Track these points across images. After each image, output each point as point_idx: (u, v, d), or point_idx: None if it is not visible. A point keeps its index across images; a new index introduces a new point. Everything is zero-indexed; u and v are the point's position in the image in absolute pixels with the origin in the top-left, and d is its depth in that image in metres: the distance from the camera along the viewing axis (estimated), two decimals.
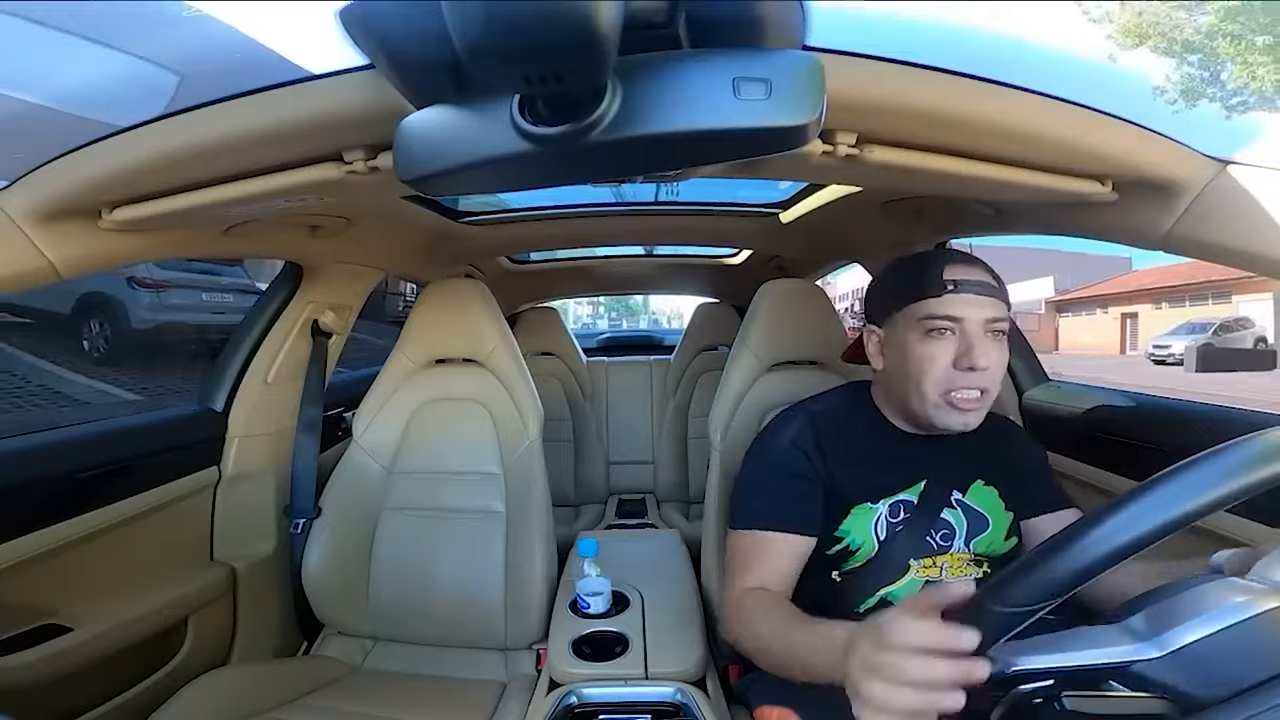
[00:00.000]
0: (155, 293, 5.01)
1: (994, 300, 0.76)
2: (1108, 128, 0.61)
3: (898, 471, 0.82)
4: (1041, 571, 0.38)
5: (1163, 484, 0.36)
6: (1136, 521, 0.36)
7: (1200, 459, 0.37)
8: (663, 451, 2.29)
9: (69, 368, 4.79)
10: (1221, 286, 14.66)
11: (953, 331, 0.76)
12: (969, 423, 0.77)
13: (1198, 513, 0.35)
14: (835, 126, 0.59)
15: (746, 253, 2.01)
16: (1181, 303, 16.08)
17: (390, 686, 1.05)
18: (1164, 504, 0.36)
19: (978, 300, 0.76)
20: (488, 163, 0.38)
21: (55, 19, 0.94)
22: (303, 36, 0.50)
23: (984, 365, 0.74)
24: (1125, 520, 0.36)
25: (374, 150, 0.60)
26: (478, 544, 1.16)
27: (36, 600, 0.88)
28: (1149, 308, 17.28)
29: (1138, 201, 0.68)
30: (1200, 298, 15.51)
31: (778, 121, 0.35)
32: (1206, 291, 15.19)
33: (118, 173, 0.64)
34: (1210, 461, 0.36)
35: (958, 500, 0.81)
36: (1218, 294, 14.91)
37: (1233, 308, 14.22)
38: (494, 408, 1.23)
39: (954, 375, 0.76)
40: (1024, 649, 0.41)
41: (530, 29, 0.28)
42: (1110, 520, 0.37)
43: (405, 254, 1.45)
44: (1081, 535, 0.37)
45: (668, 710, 0.80)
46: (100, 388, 4.60)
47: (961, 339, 0.76)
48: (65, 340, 5.05)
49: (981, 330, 0.76)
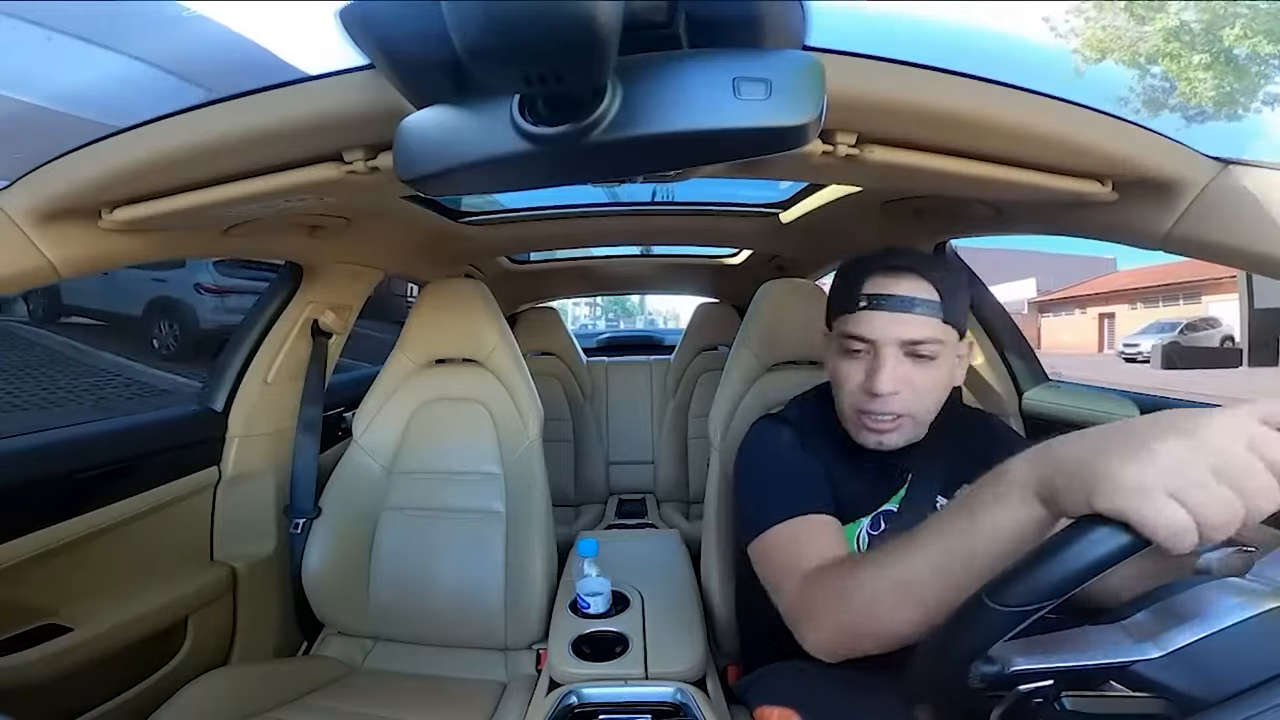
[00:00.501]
0: (219, 297, 5.45)
1: (919, 318, 0.69)
2: (1108, 128, 0.61)
3: (876, 482, 0.78)
4: (1043, 570, 0.37)
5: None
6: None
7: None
8: (663, 451, 2.29)
9: (144, 363, 5.31)
10: (1192, 288, 14.89)
11: (866, 351, 0.72)
12: (884, 443, 0.74)
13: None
14: (835, 126, 0.59)
15: (746, 253, 2.01)
16: (1156, 303, 16.39)
17: (390, 686, 1.05)
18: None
19: (894, 319, 0.69)
20: (488, 163, 0.38)
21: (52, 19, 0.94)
22: (300, 37, 0.50)
23: (885, 390, 0.69)
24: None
25: (374, 150, 0.60)
26: (478, 544, 1.16)
27: (36, 600, 0.88)
28: (1125, 308, 17.60)
29: (1138, 201, 0.68)
30: (1173, 298, 15.82)
31: (778, 121, 0.35)
32: (1178, 292, 15.49)
33: (118, 173, 0.64)
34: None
35: (943, 505, 0.78)
36: (1189, 295, 15.16)
37: (1202, 308, 14.50)
38: (494, 408, 1.23)
39: (864, 398, 0.72)
40: (1024, 649, 0.40)
41: (530, 29, 0.28)
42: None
43: (405, 254, 1.45)
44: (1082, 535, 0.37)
45: (668, 710, 0.80)
46: (178, 380, 5.03)
47: (872, 359, 0.71)
48: (135, 339, 5.59)
49: (896, 351, 0.70)
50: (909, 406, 0.72)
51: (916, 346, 0.70)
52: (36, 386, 4.56)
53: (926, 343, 0.70)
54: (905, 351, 0.70)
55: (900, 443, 0.74)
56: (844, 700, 0.70)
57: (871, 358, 0.72)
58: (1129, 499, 0.34)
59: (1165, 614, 0.39)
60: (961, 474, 0.80)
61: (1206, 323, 13.47)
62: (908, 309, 0.69)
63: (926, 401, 0.73)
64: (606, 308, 9.85)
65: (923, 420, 0.74)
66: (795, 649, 0.81)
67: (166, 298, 5.58)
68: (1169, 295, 15.90)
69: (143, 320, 5.68)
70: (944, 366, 0.72)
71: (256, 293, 4.82)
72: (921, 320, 0.69)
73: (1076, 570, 0.35)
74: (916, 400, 0.72)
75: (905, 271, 0.71)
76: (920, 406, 0.73)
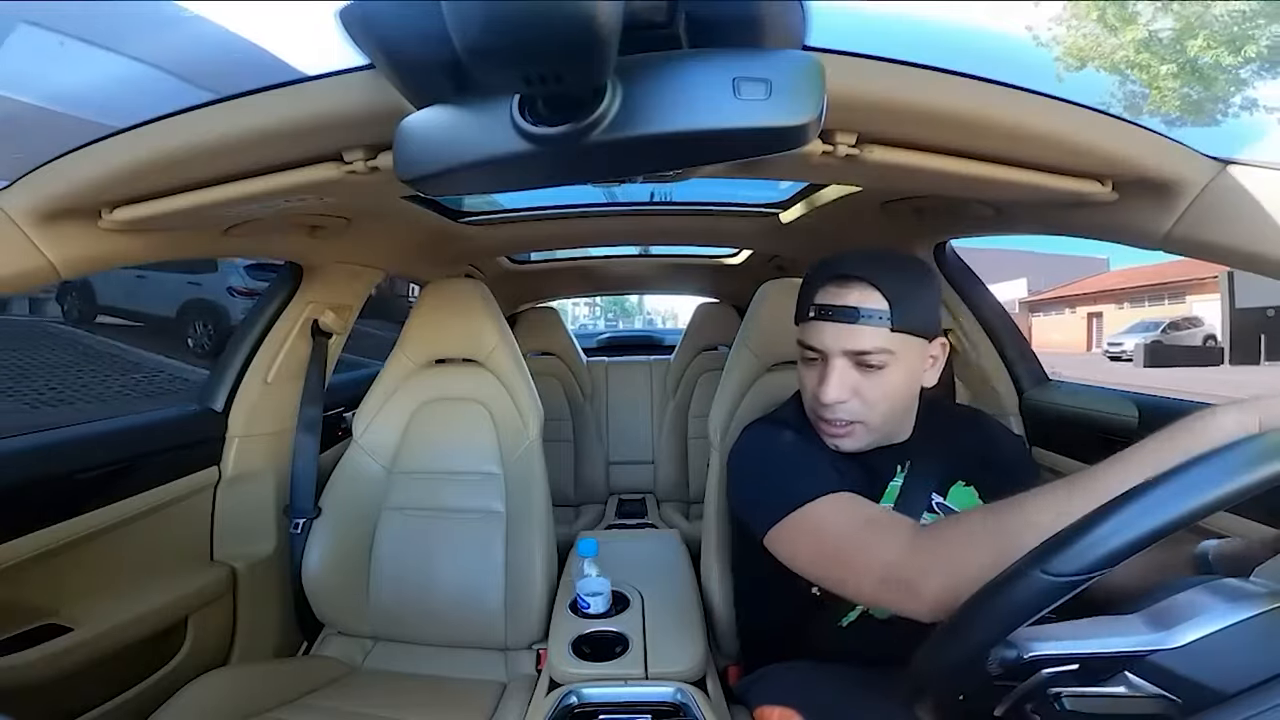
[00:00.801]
0: (250, 299, 5.80)
1: (865, 328, 0.69)
2: (1108, 128, 0.61)
3: (869, 481, 0.78)
4: (1094, 537, 0.36)
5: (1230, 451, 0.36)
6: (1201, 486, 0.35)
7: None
8: (663, 451, 2.29)
9: (182, 361, 5.69)
10: (1177, 288, 15.41)
11: (818, 359, 0.73)
12: (842, 446, 0.76)
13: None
14: (835, 126, 0.59)
15: (746, 253, 2.01)
16: (1142, 303, 16.93)
17: (390, 686, 1.05)
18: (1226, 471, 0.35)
19: (840, 330, 0.70)
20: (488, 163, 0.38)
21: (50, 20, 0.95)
22: (298, 37, 0.50)
23: (830, 400, 0.71)
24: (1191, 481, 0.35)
25: (374, 150, 0.60)
26: (478, 544, 1.16)
27: (36, 600, 0.88)
28: (1113, 307, 18.17)
29: (1138, 201, 0.68)
30: (1158, 298, 16.35)
31: (778, 121, 0.35)
32: (1164, 293, 16.04)
33: (118, 173, 0.64)
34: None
35: (938, 504, 0.78)
36: (1173, 295, 15.68)
37: (1186, 307, 14.91)
38: (494, 408, 1.23)
39: (816, 403, 0.74)
40: (1042, 635, 0.40)
41: (530, 29, 0.28)
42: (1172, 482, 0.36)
43: (405, 254, 1.45)
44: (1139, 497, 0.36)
45: (668, 710, 0.80)
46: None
47: (822, 368, 0.73)
48: (169, 338, 6.04)
49: (844, 361, 0.71)
50: (858, 414, 0.73)
51: (863, 356, 0.71)
52: (93, 381, 4.95)
53: (873, 353, 0.70)
54: (853, 361, 0.71)
55: (857, 447, 0.75)
56: (845, 700, 0.70)
57: (822, 366, 0.73)
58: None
59: (1177, 608, 0.39)
60: (955, 473, 0.80)
61: (1189, 322, 13.89)
62: (852, 320, 0.70)
63: (878, 409, 0.73)
64: (606, 307, 10.01)
65: (877, 426, 0.75)
66: (795, 649, 0.82)
67: (201, 299, 6.09)
68: (1155, 295, 16.44)
69: (177, 321, 6.20)
70: (898, 373, 0.72)
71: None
72: (869, 330, 0.70)
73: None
74: (865, 408, 0.73)
75: (854, 281, 0.71)
76: (871, 414, 0.73)
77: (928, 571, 0.55)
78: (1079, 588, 0.37)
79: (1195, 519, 0.34)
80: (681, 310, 16.16)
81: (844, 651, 0.77)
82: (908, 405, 0.78)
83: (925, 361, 0.76)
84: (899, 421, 0.79)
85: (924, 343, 0.74)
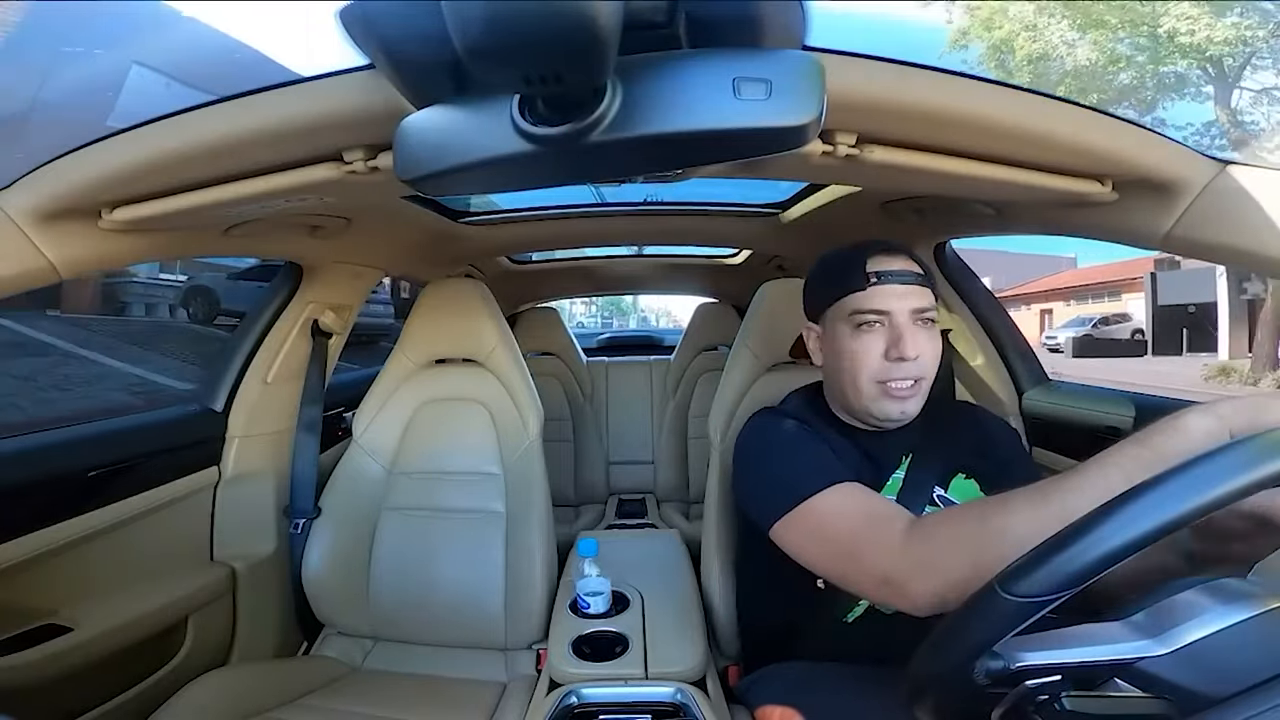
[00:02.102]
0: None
1: (919, 289, 0.76)
2: (1108, 128, 0.61)
3: (871, 472, 0.79)
4: (1059, 559, 0.36)
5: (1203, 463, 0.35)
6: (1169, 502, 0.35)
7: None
8: (663, 451, 2.29)
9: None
10: (1115, 286, 16.95)
11: (881, 324, 0.76)
12: (906, 410, 0.77)
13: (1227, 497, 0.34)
14: (835, 126, 0.59)
15: (746, 253, 2.01)
16: (1086, 300, 18.40)
17: (390, 686, 1.05)
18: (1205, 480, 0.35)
19: (902, 290, 0.76)
20: (488, 163, 0.38)
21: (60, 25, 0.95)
22: (291, 39, 0.50)
23: (913, 354, 0.75)
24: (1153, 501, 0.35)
25: (374, 150, 0.60)
26: (478, 544, 1.16)
27: (36, 600, 0.88)
28: (1061, 304, 19.68)
29: (1138, 201, 0.68)
30: (1100, 296, 17.86)
31: (778, 121, 0.35)
32: (1104, 291, 17.57)
33: (118, 173, 0.64)
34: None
35: (940, 496, 0.79)
36: (1112, 293, 17.21)
37: (1122, 305, 16.31)
38: (494, 408, 1.23)
39: (887, 366, 0.76)
40: (1030, 644, 0.40)
41: (530, 29, 0.28)
42: (1134, 504, 0.36)
43: (405, 254, 1.45)
44: (1105, 518, 0.36)
45: (668, 710, 0.80)
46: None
47: (890, 330, 0.76)
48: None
49: (909, 320, 0.76)
50: (925, 370, 0.77)
51: (924, 313, 0.77)
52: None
53: (930, 309, 0.77)
54: (915, 319, 0.76)
55: (915, 410, 0.78)
56: (846, 700, 0.70)
57: (888, 329, 0.76)
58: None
59: (1167, 612, 0.39)
60: (956, 466, 0.81)
61: (1120, 317, 15.33)
62: (911, 281, 0.76)
63: (932, 368, 0.78)
64: (603, 306, 10.20)
65: (927, 390, 0.79)
66: (797, 648, 0.82)
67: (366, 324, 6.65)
68: (1097, 293, 18.00)
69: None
70: (939, 339, 0.78)
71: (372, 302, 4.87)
72: (923, 290, 0.77)
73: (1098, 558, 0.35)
74: (930, 365, 0.77)
75: (898, 252, 0.78)
76: (928, 372, 0.78)
77: (916, 574, 0.56)
78: (1047, 607, 0.37)
79: (1152, 541, 0.35)
80: (675, 308, 16.23)
81: (848, 648, 0.76)
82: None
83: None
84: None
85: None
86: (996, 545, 0.49)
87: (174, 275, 9.23)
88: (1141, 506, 0.35)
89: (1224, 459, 0.35)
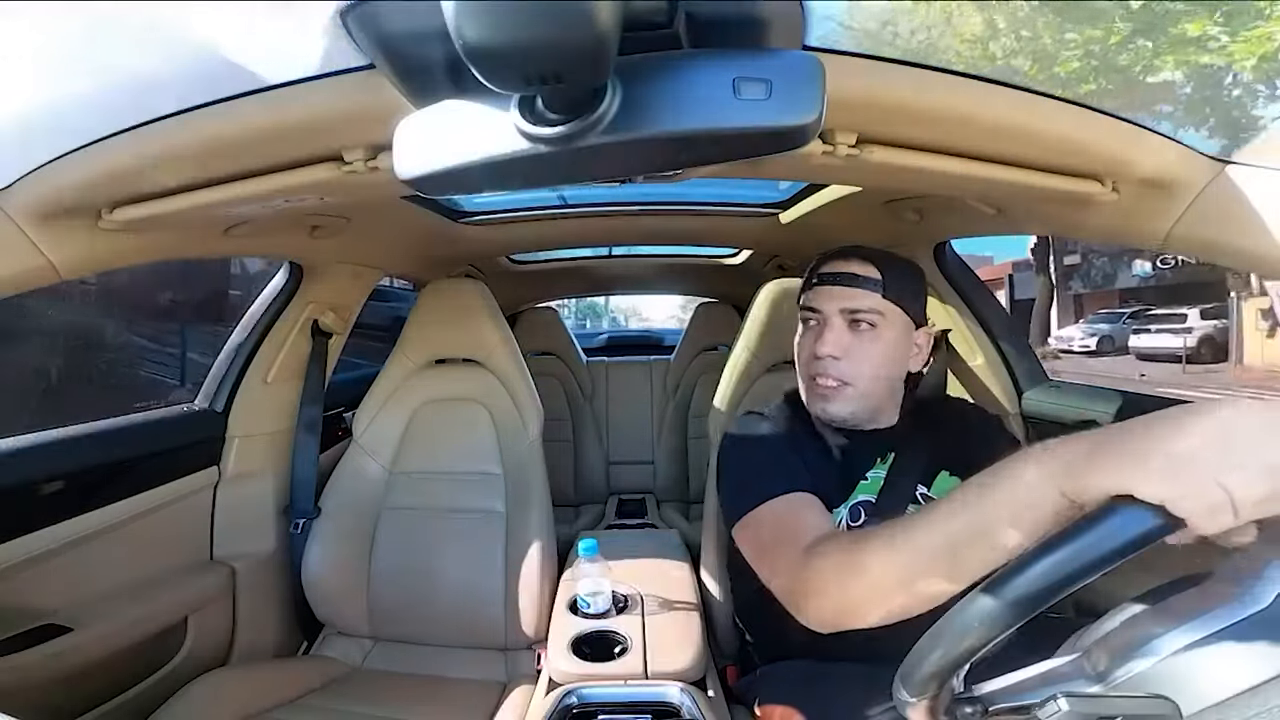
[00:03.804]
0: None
1: (859, 291, 0.78)
2: (1108, 127, 0.61)
3: (853, 472, 0.81)
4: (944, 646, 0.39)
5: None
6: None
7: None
8: (663, 451, 2.29)
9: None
10: (992, 284, 19.05)
11: (816, 322, 0.81)
12: (829, 410, 0.80)
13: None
14: (835, 126, 0.59)
15: (746, 253, 2.01)
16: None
17: (390, 686, 1.05)
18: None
19: (836, 291, 0.79)
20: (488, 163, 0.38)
21: None
22: (288, 41, 0.50)
23: (824, 353, 0.78)
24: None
25: (374, 150, 0.60)
26: (478, 544, 1.16)
27: (36, 600, 0.88)
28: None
29: (1138, 201, 0.68)
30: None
31: (778, 121, 0.35)
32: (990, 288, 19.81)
33: (118, 173, 0.64)
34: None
35: (923, 494, 0.79)
36: (992, 290, 19.33)
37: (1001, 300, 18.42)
38: (494, 408, 1.23)
39: (814, 363, 0.80)
40: (988, 674, 0.43)
41: (530, 29, 0.28)
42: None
43: (405, 254, 1.45)
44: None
45: (668, 710, 0.80)
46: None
47: (819, 328, 0.80)
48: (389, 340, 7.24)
49: (839, 320, 0.79)
50: (848, 373, 0.79)
51: (857, 315, 0.78)
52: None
53: (865, 312, 0.78)
54: (848, 320, 0.79)
55: (843, 412, 0.80)
56: (845, 699, 0.70)
57: (819, 327, 0.81)
58: (1163, 477, 0.34)
59: (1114, 645, 0.41)
60: (940, 463, 0.82)
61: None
62: (849, 284, 0.79)
63: (865, 372, 0.79)
64: (578, 310, 10.35)
65: (863, 392, 0.80)
66: (796, 648, 0.82)
67: (400, 317, 7.02)
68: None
69: (389, 331, 7.35)
70: (885, 341, 0.79)
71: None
72: (863, 293, 0.79)
73: (1097, 558, 0.35)
74: (855, 368, 0.79)
75: (852, 256, 0.81)
76: (859, 376, 0.79)
77: (807, 594, 0.60)
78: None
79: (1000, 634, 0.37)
80: (646, 309, 16.36)
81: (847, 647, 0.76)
82: (891, 382, 0.83)
83: (911, 346, 0.82)
84: (883, 398, 0.82)
85: (910, 324, 0.81)
86: (857, 579, 0.53)
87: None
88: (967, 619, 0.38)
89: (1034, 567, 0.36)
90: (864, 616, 0.54)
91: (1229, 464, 0.34)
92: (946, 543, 0.46)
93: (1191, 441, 0.35)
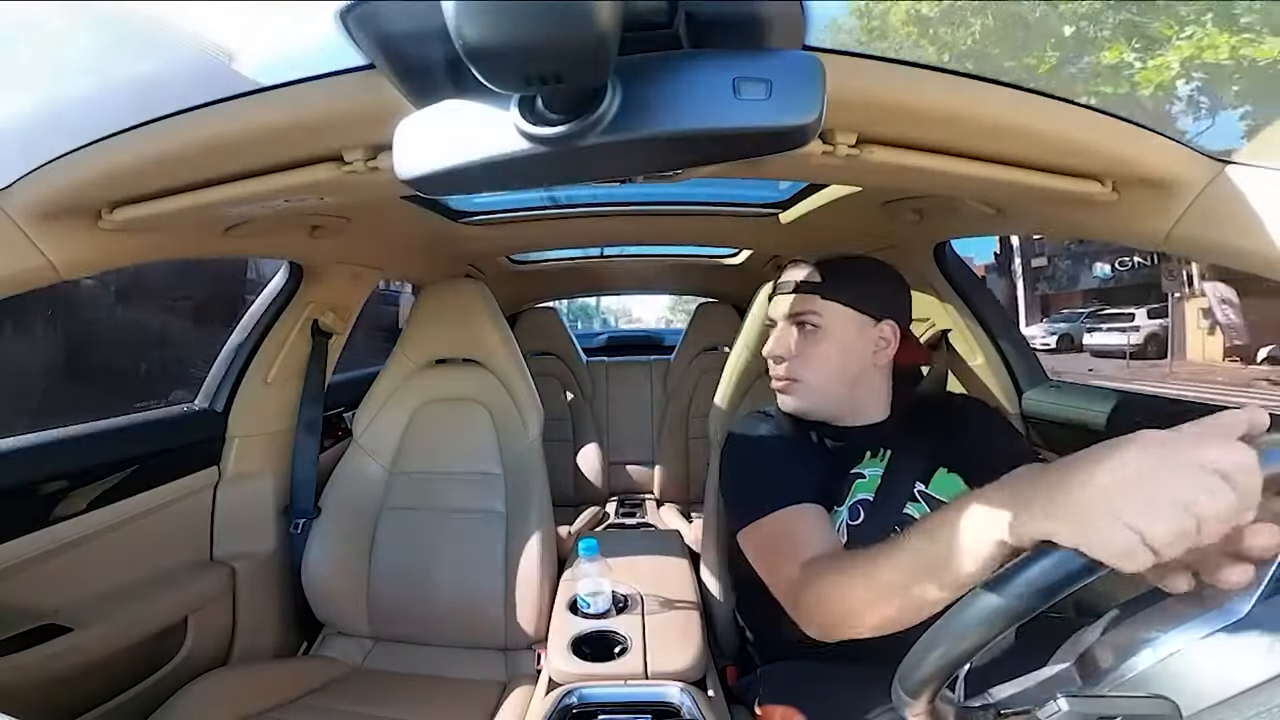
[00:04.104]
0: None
1: (801, 296, 0.84)
2: (1108, 127, 0.61)
3: (847, 467, 0.82)
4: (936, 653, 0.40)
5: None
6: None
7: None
8: (663, 452, 2.29)
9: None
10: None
11: (774, 325, 0.88)
12: (786, 404, 0.86)
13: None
14: (835, 126, 0.59)
15: (746, 253, 2.01)
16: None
17: (390, 686, 1.05)
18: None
19: (782, 300, 0.87)
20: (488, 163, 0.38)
21: None
22: (283, 42, 0.50)
23: (770, 352, 0.86)
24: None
25: (374, 150, 0.60)
26: (478, 544, 1.16)
27: (36, 600, 0.88)
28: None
29: (1138, 201, 0.68)
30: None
31: (778, 122, 0.35)
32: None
33: (118, 173, 0.64)
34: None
35: (921, 492, 0.79)
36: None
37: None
38: (494, 408, 1.23)
39: (769, 363, 0.87)
40: (986, 683, 0.43)
41: (530, 29, 0.28)
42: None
43: (405, 254, 1.45)
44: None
45: (668, 710, 0.80)
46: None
47: (772, 333, 0.88)
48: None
49: (785, 323, 0.86)
50: (796, 371, 0.84)
51: (799, 317, 0.84)
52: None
53: (805, 314, 0.83)
54: (793, 323, 0.85)
55: (799, 406, 0.85)
56: (845, 699, 0.70)
57: (772, 331, 0.88)
58: (1072, 522, 0.36)
59: (1103, 654, 0.41)
60: (938, 460, 0.82)
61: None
62: (790, 290, 0.86)
63: (813, 369, 0.83)
64: (571, 311, 10.43)
65: (817, 388, 0.84)
66: (796, 648, 0.82)
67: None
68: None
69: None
70: (831, 339, 0.83)
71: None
72: (802, 297, 0.84)
73: (1039, 592, 0.36)
74: (802, 365, 0.83)
75: (800, 264, 0.87)
76: (808, 374, 0.83)
77: (805, 609, 0.64)
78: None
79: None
80: (637, 309, 16.38)
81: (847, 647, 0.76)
82: (853, 377, 0.84)
83: (871, 341, 0.84)
84: (848, 392, 0.85)
85: (865, 320, 0.83)
86: (840, 602, 0.58)
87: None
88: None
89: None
90: (853, 629, 0.59)
91: (1135, 504, 0.34)
92: (903, 576, 0.50)
93: (1101, 482, 0.36)
